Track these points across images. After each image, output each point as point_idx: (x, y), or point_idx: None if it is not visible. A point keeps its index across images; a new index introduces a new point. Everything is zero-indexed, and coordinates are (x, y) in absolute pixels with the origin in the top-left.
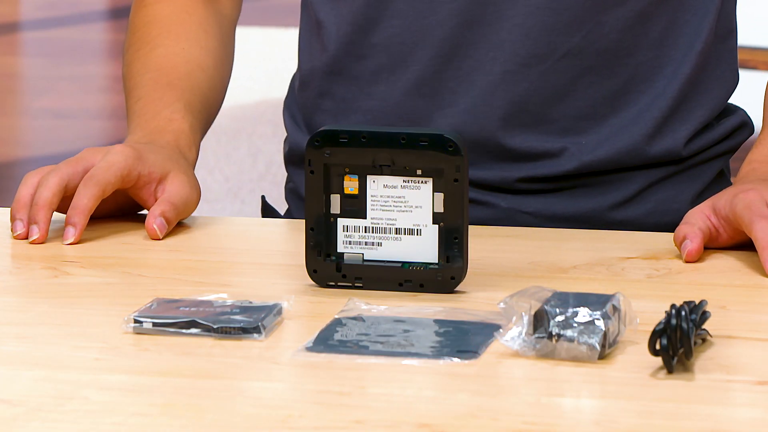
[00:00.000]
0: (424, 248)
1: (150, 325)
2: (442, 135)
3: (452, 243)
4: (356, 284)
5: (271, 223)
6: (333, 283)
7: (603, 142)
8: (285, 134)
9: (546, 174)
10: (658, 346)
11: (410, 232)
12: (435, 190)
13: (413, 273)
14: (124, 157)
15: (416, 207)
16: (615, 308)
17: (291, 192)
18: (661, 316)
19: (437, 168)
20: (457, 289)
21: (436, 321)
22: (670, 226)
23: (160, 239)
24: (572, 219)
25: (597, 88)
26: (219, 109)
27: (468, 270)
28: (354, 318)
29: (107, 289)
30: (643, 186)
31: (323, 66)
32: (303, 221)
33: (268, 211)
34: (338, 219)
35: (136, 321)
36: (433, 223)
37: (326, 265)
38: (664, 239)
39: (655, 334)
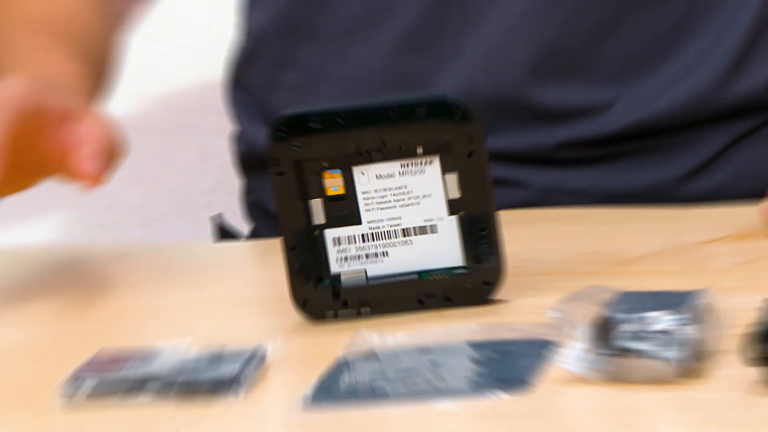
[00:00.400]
0: (444, 249)
1: (89, 391)
2: (444, 99)
3: (479, 237)
4: (362, 311)
5: (239, 246)
6: (331, 314)
7: (663, 91)
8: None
9: (591, 135)
10: (757, 354)
11: (422, 230)
12: (445, 170)
13: (435, 284)
14: (26, 85)
15: (424, 197)
16: (702, 309)
17: (254, 206)
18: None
19: (443, 142)
20: (493, 297)
21: (471, 344)
22: (758, 196)
23: (99, 184)
24: (631, 196)
25: (649, 21)
26: (110, 72)
27: (505, 270)
28: (364, 355)
29: (30, 345)
30: (720, 146)
31: (277, 26)
32: (278, 240)
33: (226, 235)
34: (325, 230)
35: (70, 385)
36: (450, 213)
37: (319, 293)
38: (755, 213)
39: (752, 338)
